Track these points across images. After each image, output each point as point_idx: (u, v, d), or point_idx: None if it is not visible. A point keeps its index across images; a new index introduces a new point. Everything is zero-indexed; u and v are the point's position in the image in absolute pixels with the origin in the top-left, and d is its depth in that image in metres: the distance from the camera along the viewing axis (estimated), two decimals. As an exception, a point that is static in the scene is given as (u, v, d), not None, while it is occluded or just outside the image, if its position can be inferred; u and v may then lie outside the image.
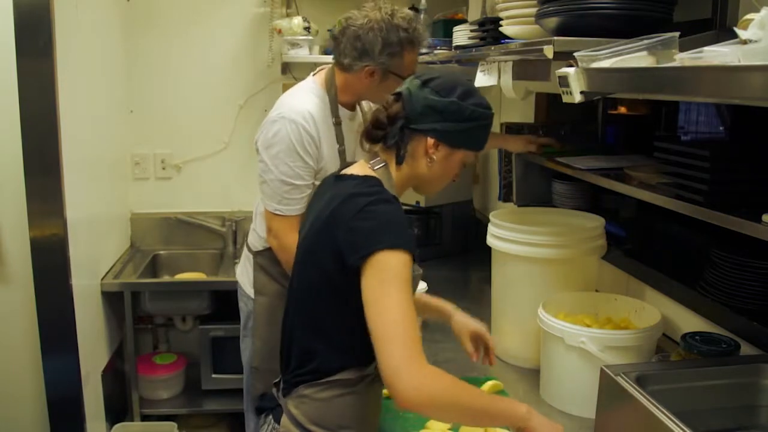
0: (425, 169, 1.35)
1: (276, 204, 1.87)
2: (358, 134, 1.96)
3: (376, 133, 1.36)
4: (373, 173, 1.35)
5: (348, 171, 1.39)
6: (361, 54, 1.83)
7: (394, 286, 1.17)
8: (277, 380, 1.46)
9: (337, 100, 1.91)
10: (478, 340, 1.62)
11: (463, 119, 1.32)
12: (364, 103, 2.04)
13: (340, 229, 1.25)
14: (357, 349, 1.29)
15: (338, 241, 1.25)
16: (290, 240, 1.75)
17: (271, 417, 1.40)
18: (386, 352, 1.14)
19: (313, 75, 1.98)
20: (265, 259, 2.02)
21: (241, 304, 2.16)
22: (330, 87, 1.91)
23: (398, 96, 1.35)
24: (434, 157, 1.33)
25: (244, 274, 2.13)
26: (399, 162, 1.36)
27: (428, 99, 1.31)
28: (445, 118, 1.31)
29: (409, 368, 1.12)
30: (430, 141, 1.32)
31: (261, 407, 1.45)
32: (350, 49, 1.85)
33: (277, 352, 1.90)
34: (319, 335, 1.32)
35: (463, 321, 1.63)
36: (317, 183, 1.84)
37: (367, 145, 1.40)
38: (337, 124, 1.90)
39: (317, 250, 1.32)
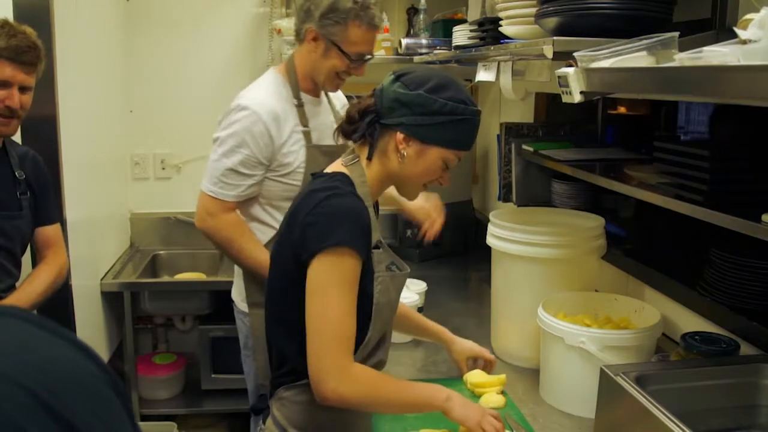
0: (397, 166, 1.31)
1: (211, 185, 1.85)
2: (326, 120, 1.93)
3: (348, 128, 1.35)
4: (343, 169, 1.34)
5: (326, 169, 1.39)
6: (305, 15, 1.83)
7: (334, 288, 1.21)
8: None
9: (299, 84, 1.91)
10: (477, 359, 1.70)
11: (432, 113, 1.27)
12: (333, 98, 2.04)
13: (297, 226, 1.26)
14: None
15: (296, 239, 1.25)
16: (227, 217, 1.85)
17: (261, 417, 1.41)
18: (313, 352, 1.21)
19: (275, 67, 1.98)
20: None
21: (238, 323, 2.06)
22: (290, 71, 1.91)
23: (374, 91, 1.35)
24: (405, 153, 1.29)
25: (236, 290, 2.04)
26: (368, 157, 1.34)
27: (396, 92, 1.28)
28: (413, 112, 1.27)
29: (330, 373, 1.20)
30: (400, 136, 1.29)
31: (255, 407, 1.46)
32: (299, 12, 1.86)
33: None
34: (290, 336, 1.31)
35: (462, 347, 1.69)
36: (266, 175, 1.86)
37: (341, 140, 1.40)
38: (299, 105, 1.89)
39: (282, 250, 1.32)
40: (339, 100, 2.10)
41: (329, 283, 1.21)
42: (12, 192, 1.86)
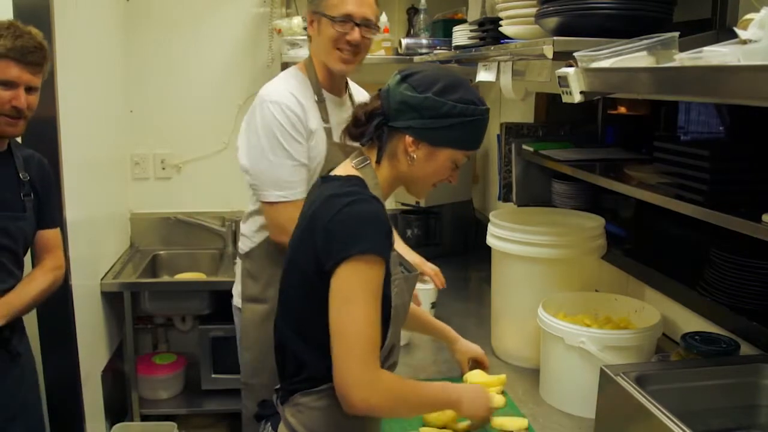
0: (406, 168, 1.30)
1: (278, 191, 1.77)
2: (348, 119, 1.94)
3: (355, 131, 1.33)
4: (356, 173, 1.31)
5: (334, 171, 1.37)
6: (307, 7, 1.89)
7: (361, 296, 1.18)
8: (277, 387, 1.43)
9: (319, 81, 1.89)
10: (476, 362, 1.73)
11: (440, 116, 1.25)
12: (356, 96, 2.01)
13: (318, 232, 1.23)
14: None
15: (317, 245, 1.23)
16: None
17: (269, 424, 1.39)
18: (342, 362, 1.18)
19: (295, 65, 1.96)
20: (253, 262, 1.92)
21: (235, 320, 2.05)
22: (309, 68, 1.90)
23: (379, 92, 1.32)
24: (414, 156, 1.28)
25: (235, 287, 2.04)
26: (377, 161, 1.32)
27: (404, 95, 1.26)
28: (422, 115, 1.25)
29: (361, 383, 1.17)
30: (409, 139, 1.27)
31: (259, 414, 1.44)
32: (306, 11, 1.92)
33: (267, 366, 1.81)
34: (308, 343, 1.29)
35: (466, 348, 1.72)
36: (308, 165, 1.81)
37: (349, 142, 1.39)
38: (320, 101, 1.86)
39: (299, 255, 1.30)
40: (364, 98, 2.06)
41: (355, 291, 1.18)
42: (16, 193, 1.86)
